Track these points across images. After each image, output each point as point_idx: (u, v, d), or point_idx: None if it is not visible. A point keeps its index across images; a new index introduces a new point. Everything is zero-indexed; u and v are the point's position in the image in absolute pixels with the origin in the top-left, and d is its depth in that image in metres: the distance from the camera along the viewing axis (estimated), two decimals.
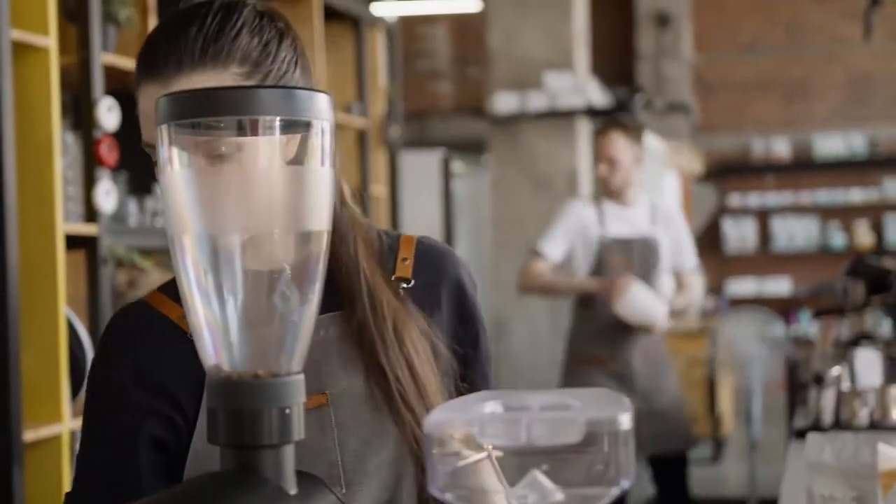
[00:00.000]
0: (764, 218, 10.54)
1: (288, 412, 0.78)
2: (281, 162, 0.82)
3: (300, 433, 0.79)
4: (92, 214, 2.94)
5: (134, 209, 3.25)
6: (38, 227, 2.71)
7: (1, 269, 2.57)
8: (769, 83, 10.52)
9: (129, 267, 3.08)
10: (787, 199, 10.44)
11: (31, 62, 2.72)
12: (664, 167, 8.02)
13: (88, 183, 2.94)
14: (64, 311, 2.74)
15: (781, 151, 10.46)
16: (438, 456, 0.75)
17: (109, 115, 2.93)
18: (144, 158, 1.20)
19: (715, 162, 10.40)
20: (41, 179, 2.72)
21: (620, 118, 4.49)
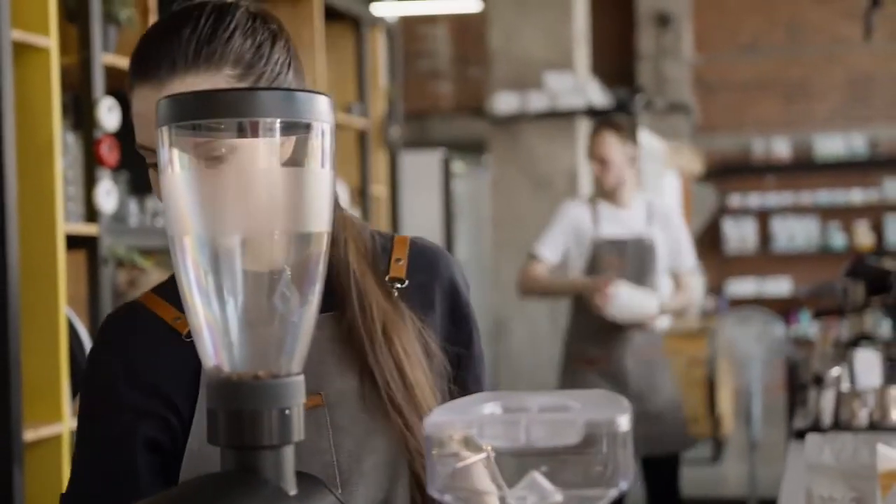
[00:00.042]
0: (764, 218, 10.54)
1: (288, 413, 0.78)
2: (278, 163, 0.82)
3: (300, 434, 0.79)
4: (92, 214, 2.94)
5: (134, 209, 3.25)
6: (38, 226, 2.72)
7: (1, 269, 2.57)
8: (769, 83, 10.52)
9: (129, 267, 3.08)
10: (787, 199, 10.44)
11: (31, 62, 2.72)
12: (664, 167, 8.02)
13: (89, 183, 2.94)
14: (64, 311, 2.74)
15: (782, 152, 10.46)
16: (438, 457, 0.75)
17: (110, 115, 2.93)
18: (144, 159, 1.20)
19: (715, 162, 10.40)
20: (42, 179, 2.72)
21: (613, 118, 4.49)
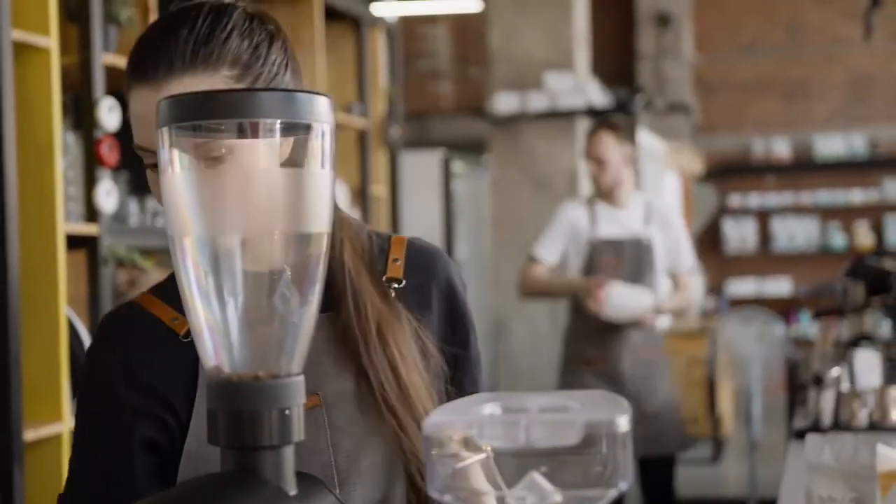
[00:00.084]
0: (764, 218, 10.54)
1: (288, 413, 0.78)
2: (278, 163, 0.82)
3: (300, 434, 0.79)
4: (92, 214, 2.94)
5: (134, 209, 3.25)
6: (38, 226, 2.72)
7: (1, 268, 2.57)
8: (769, 83, 10.52)
9: (129, 267, 3.09)
10: (787, 199, 10.45)
11: (31, 62, 2.72)
12: (664, 167, 8.02)
13: (89, 183, 2.94)
14: (64, 310, 2.74)
15: (782, 152, 10.46)
16: (437, 458, 0.75)
17: (110, 115, 2.94)
18: (143, 159, 1.20)
19: (715, 162, 10.40)
20: (42, 179, 2.72)
21: (611, 118, 4.50)
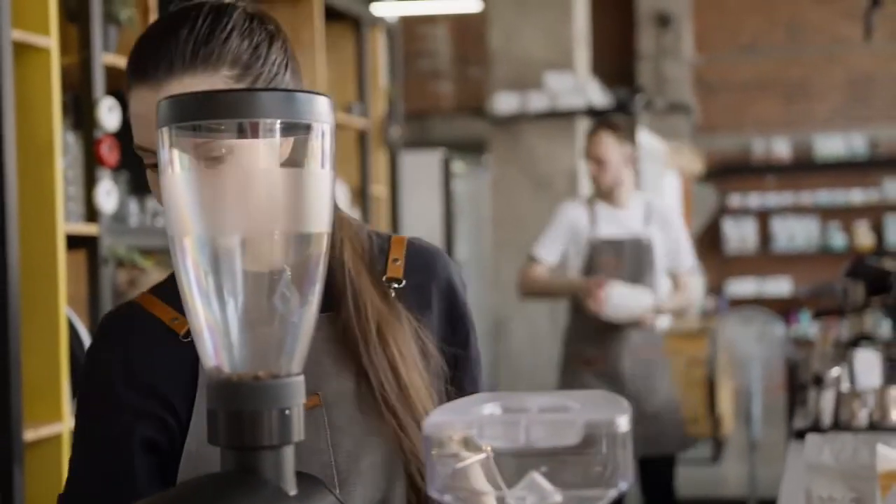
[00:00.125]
0: (764, 218, 10.54)
1: (288, 413, 0.78)
2: (278, 163, 0.82)
3: (300, 434, 0.79)
4: (92, 214, 2.94)
5: (135, 209, 3.25)
6: (38, 226, 2.72)
7: (1, 268, 2.57)
8: (769, 83, 10.52)
9: (129, 267, 3.09)
10: (787, 199, 10.45)
11: (32, 62, 2.72)
12: (665, 167, 8.02)
13: (89, 183, 2.94)
14: (64, 310, 2.74)
15: (782, 152, 10.46)
16: (437, 458, 0.75)
17: (110, 115, 2.94)
18: (143, 159, 1.20)
19: (715, 162, 10.40)
20: (42, 179, 2.72)
21: (610, 118, 4.50)
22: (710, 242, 10.36)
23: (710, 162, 10.19)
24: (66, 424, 2.73)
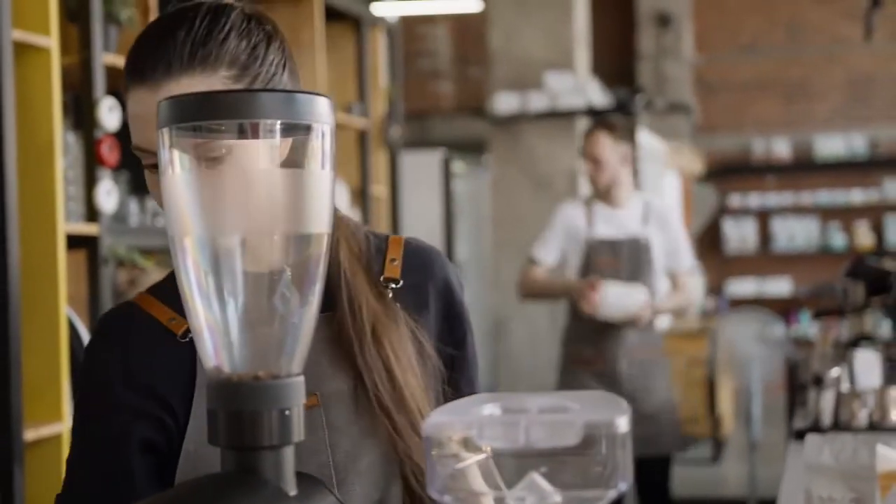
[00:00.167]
0: (764, 218, 10.54)
1: (288, 413, 0.78)
2: (278, 164, 0.82)
3: (300, 434, 0.80)
4: (93, 214, 2.95)
5: (135, 209, 3.25)
6: (38, 226, 2.72)
7: (2, 268, 2.57)
8: (769, 83, 10.52)
9: (129, 267, 3.09)
10: (787, 199, 10.45)
11: (32, 62, 2.72)
12: (665, 167, 8.02)
13: (89, 183, 2.95)
14: (65, 310, 2.75)
15: (782, 152, 10.46)
16: (437, 458, 0.75)
17: (110, 115, 2.94)
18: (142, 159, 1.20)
19: (715, 162, 10.40)
20: (42, 179, 2.73)
21: (608, 118, 4.50)
22: (710, 242, 10.37)
23: (710, 162, 10.19)
24: (66, 424, 2.73)
